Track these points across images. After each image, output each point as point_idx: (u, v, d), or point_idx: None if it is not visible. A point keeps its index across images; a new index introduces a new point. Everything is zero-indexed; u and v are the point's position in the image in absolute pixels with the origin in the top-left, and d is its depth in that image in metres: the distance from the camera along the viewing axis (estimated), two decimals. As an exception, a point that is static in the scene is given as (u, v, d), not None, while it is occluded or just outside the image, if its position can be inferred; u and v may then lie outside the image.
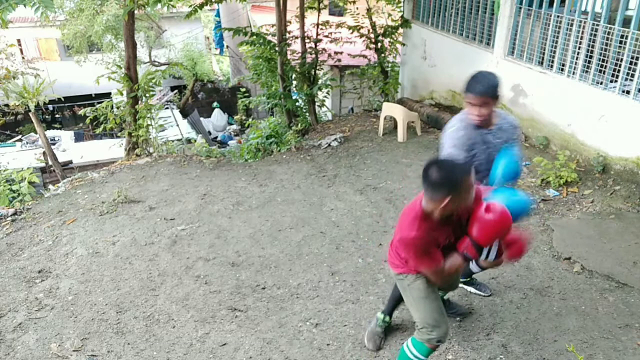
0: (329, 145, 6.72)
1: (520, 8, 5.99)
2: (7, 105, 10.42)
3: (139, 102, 7.07)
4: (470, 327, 3.22)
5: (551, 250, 4.05)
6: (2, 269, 4.15)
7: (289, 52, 8.05)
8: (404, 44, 8.62)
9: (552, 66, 5.69)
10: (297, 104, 8.45)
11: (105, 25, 13.33)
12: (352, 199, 5.11)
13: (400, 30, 8.55)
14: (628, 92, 4.82)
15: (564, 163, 5.12)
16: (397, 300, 3.05)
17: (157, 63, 15.50)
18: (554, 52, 5.63)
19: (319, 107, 9.05)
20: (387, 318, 3.13)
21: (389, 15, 9.06)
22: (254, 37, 7.71)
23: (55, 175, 9.40)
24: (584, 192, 4.91)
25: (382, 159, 6.11)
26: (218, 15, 16.10)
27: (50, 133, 13.12)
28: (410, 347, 2.56)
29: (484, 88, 2.64)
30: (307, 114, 8.58)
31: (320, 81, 8.38)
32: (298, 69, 8.14)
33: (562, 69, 5.57)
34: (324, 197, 5.21)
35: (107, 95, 12.21)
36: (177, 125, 13.05)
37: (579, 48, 5.32)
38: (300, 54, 8.21)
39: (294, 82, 8.49)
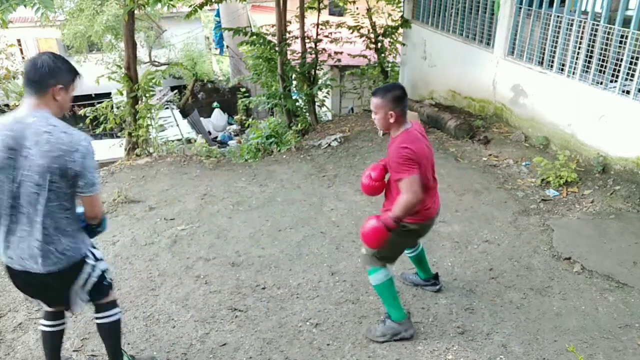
0: (329, 145, 6.72)
1: (520, 8, 6.00)
2: (7, 105, 10.40)
3: (139, 102, 7.07)
4: (470, 327, 3.22)
5: (551, 250, 4.05)
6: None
7: (289, 52, 8.05)
8: (404, 44, 8.62)
9: (552, 66, 5.69)
10: (297, 104, 8.45)
11: (105, 25, 13.34)
12: (352, 199, 5.10)
13: (400, 30, 8.57)
14: (628, 92, 4.82)
15: (564, 163, 5.11)
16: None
17: (157, 63, 15.51)
18: (554, 52, 5.63)
19: (319, 107, 9.05)
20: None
21: (389, 15, 9.08)
22: (254, 37, 7.72)
23: (55, 175, 9.38)
24: (584, 192, 4.91)
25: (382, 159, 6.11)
26: (218, 15, 16.10)
27: (50, 133, 13.10)
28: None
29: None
30: (307, 114, 8.58)
31: (320, 81, 8.38)
32: (298, 69, 8.14)
33: (562, 69, 5.57)
34: (324, 197, 5.21)
35: (107, 95, 12.22)
36: (177, 125, 13.04)
37: (579, 48, 5.32)
38: (300, 54, 8.21)
39: (294, 82, 8.49)
